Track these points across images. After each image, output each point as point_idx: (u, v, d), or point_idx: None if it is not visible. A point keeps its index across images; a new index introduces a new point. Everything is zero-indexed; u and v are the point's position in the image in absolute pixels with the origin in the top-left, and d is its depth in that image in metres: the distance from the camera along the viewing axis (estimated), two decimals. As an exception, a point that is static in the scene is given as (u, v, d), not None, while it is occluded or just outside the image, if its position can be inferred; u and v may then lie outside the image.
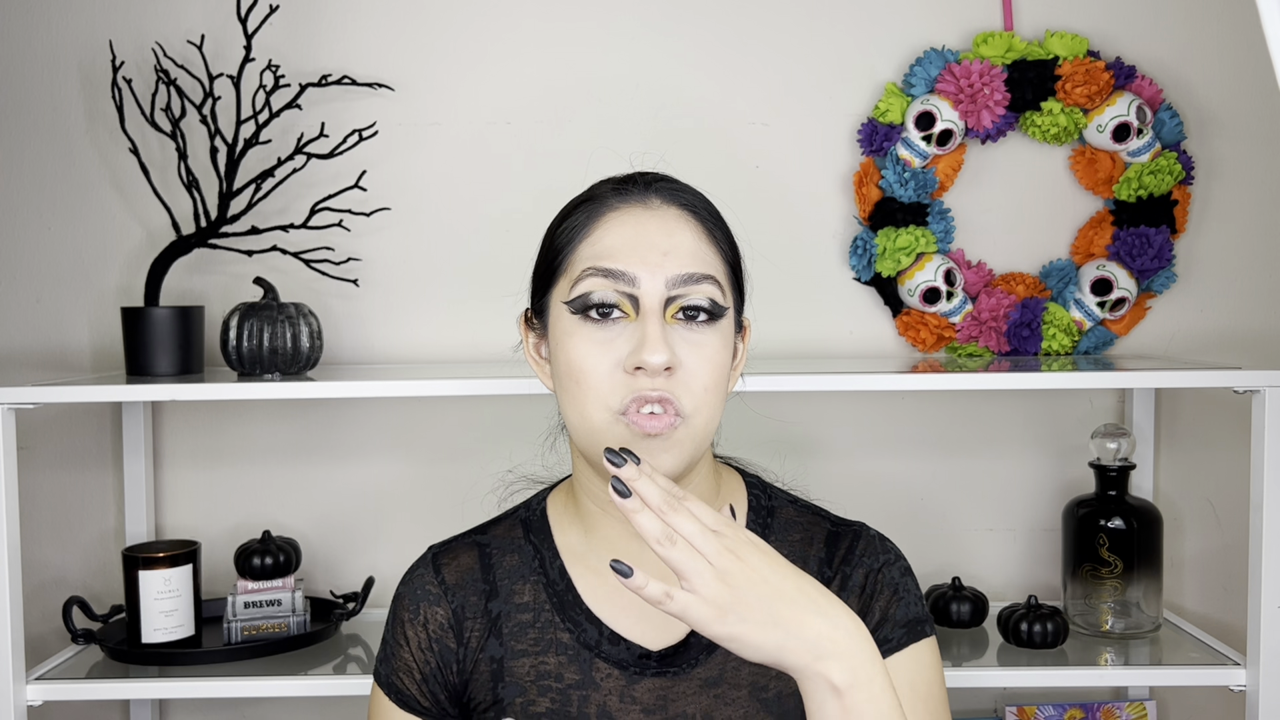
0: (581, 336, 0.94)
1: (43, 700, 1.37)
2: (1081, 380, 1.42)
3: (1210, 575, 1.72)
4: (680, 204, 0.98)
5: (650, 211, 0.96)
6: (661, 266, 0.93)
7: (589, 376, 0.93)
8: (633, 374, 0.91)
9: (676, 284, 0.93)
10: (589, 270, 0.94)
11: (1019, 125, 1.68)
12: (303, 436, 1.70)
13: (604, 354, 0.92)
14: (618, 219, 0.96)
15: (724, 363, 0.95)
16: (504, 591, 1.02)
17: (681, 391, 0.92)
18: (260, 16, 1.61)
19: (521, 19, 1.69)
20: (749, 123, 1.70)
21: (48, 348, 1.69)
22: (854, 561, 1.03)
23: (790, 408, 1.69)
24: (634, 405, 0.91)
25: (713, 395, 0.94)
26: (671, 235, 0.95)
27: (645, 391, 0.91)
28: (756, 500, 1.07)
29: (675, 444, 0.92)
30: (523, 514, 1.08)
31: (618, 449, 0.82)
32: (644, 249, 0.94)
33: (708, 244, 0.96)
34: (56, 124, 1.68)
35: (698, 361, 0.93)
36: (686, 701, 0.98)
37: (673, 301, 0.93)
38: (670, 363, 0.91)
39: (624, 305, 0.93)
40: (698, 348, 0.93)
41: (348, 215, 1.65)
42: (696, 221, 0.97)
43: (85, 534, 1.70)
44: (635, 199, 0.97)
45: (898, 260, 1.65)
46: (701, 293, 0.94)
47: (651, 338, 0.91)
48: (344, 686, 1.41)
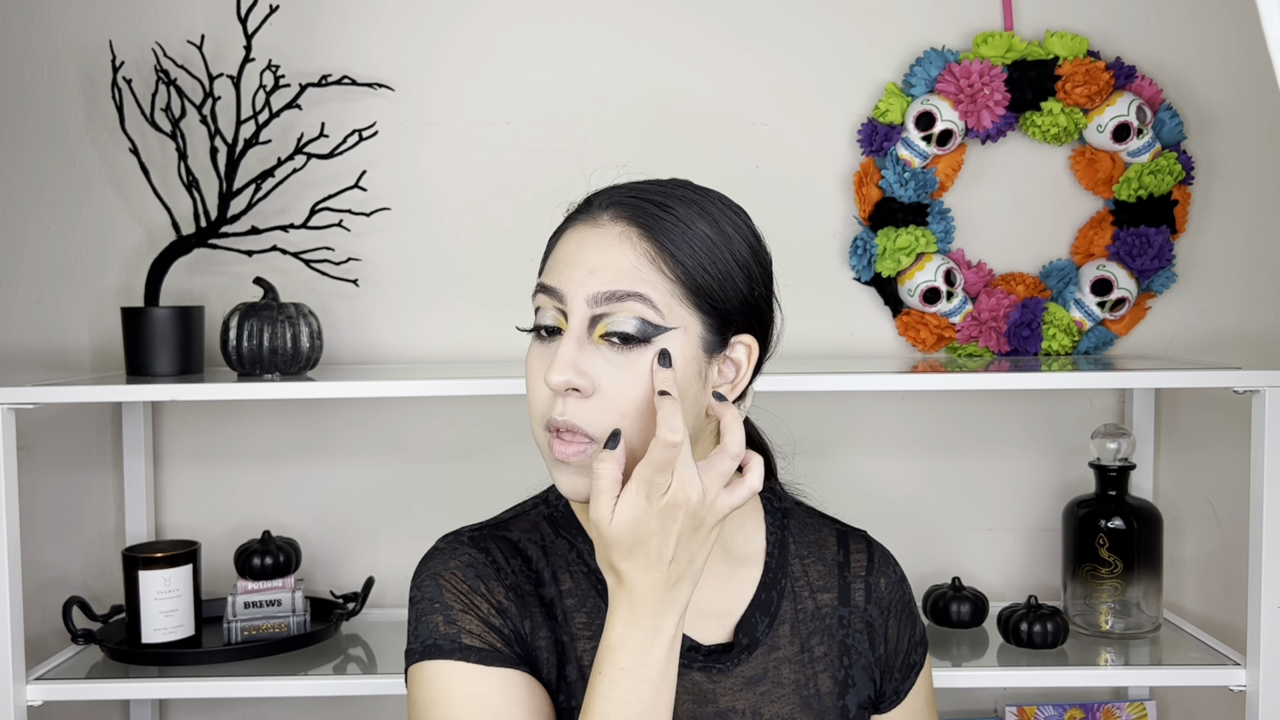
0: (532, 351, 0.95)
1: (43, 700, 1.37)
2: (1081, 380, 1.42)
3: (1210, 575, 1.72)
4: (629, 220, 0.93)
5: (594, 229, 0.93)
6: (585, 284, 0.90)
7: (530, 391, 0.94)
8: (556, 394, 0.91)
9: (598, 302, 0.90)
10: (538, 287, 0.95)
11: (1019, 125, 1.68)
12: (303, 436, 1.70)
13: (541, 369, 0.93)
14: (568, 236, 0.95)
15: (656, 383, 0.89)
16: (547, 579, 1.00)
17: (592, 416, 0.89)
18: (260, 16, 1.61)
19: (521, 19, 1.69)
20: (749, 123, 1.70)
21: (48, 348, 1.69)
22: (876, 572, 1.08)
23: (789, 408, 1.69)
24: (550, 427, 0.91)
25: (639, 419, 0.89)
26: (604, 253, 0.91)
27: (554, 417, 0.90)
28: (770, 504, 1.09)
29: (588, 469, 0.90)
30: (544, 511, 1.06)
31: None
32: (574, 266, 0.92)
33: (649, 263, 0.91)
34: (56, 124, 1.68)
35: (619, 385, 0.89)
36: (734, 697, 0.99)
37: (598, 320, 0.90)
38: (575, 384, 0.89)
39: (560, 323, 0.92)
40: (622, 370, 0.89)
41: (348, 215, 1.65)
42: (644, 238, 0.91)
43: (85, 534, 1.70)
44: (588, 217, 0.95)
45: (898, 260, 1.65)
46: (627, 311, 0.89)
47: (559, 358, 0.89)
48: (344, 687, 1.41)
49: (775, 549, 1.05)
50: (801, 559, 1.06)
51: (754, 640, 1.01)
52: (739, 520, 1.05)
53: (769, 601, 1.03)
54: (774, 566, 1.04)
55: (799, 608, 1.03)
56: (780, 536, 1.06)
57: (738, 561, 1.04)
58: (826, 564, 1.06)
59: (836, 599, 1.05)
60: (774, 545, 1.05)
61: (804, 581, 1.05)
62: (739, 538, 1.05)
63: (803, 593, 1.04)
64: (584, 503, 0.94)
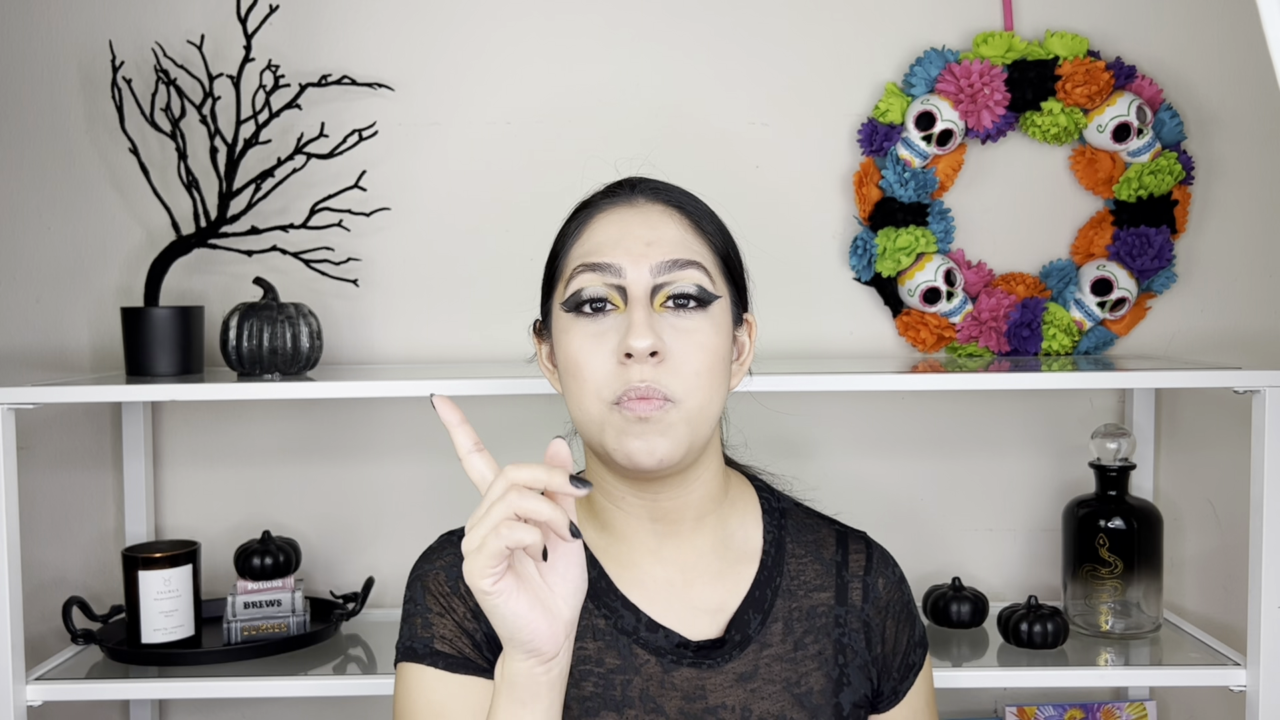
0: (576, 331, 0.96)
1: (42, 700, 1.37)
2: (1081, 380, 1.42)
3: (1210, 575, 1.72)
4: (665, 201, 1.01)
5: (635, 209, 1.00)
6: (645, 255, 0.96)
7: (584, 369, 0.95)
8: (625, 363, 0.93)
9: (661, 270, 0.96)
10: (579, 268, 0.97)
11: (1019, 125, 1.68)
12: (303, 436, 1.70)
13: (597, 346, 0.95)
14: (604, 219, 1.00)
15: (718, 349, 0.97)
16: None
17: (669, 379, 0.94)
18: (260, 16, 1.61)
19: (522, 19, 1.69)
20: (749, 123, 1.70)
21: (48, 348, 1.69)
22: (874, 572, 1.08)
23: (790, 408, 1.69)
24: (625, 396, 0.93)
25: (706, 380, 0.95)
26: (655, 228, 0.98)
27: (634, 384, 0.93)
28: (767, 504, 1.10)
29: (668, 427, 0.94)
30: None
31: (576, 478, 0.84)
32: (628, 241, 0.97)
33: (693, 235, 0.99)
34: (56, 124, 1.68)
35: (687, 347, 0.95)
36: (724, 693, 0.99)
37: (660, 289, 0.96)
38: (656, 347, 0.93)
39: (613, 298, 0.96)
40: (687, 334, 0.95)
41: (348, 215, 1.65)
42: (681, 215, 1.00)
43: (85, 534, 1.70)
44: (622, 200, 1.01)
45: (898, 260, 1.65)
46: (688, 278, 0.96)
47: (636, 324, 0.93)
48: (344, 687, 1.41)
49: (772, 547, 1.06)
50: (798, 558, 1.06)
51: (746, 636, 1.02)
52: (739, 519, 1.07)
53: (763, 599, 1.03)
54: (769, 564, 1.05)
55: (793, 606, 1.04)
56: (777, 535, 1.07)
57: (734, 559, 1.05)
58: (824, 564, 1.07)
59: (833, 598, 1.05)
60: (770, 544, 1.06)
61: (799, 580, 1.05)
62: (738, 535, 1.06)
63: (798, 591, 1.05)
64: (660, 470, 0.95)
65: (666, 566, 1.03)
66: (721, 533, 1.05)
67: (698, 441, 0.96)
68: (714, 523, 1.05)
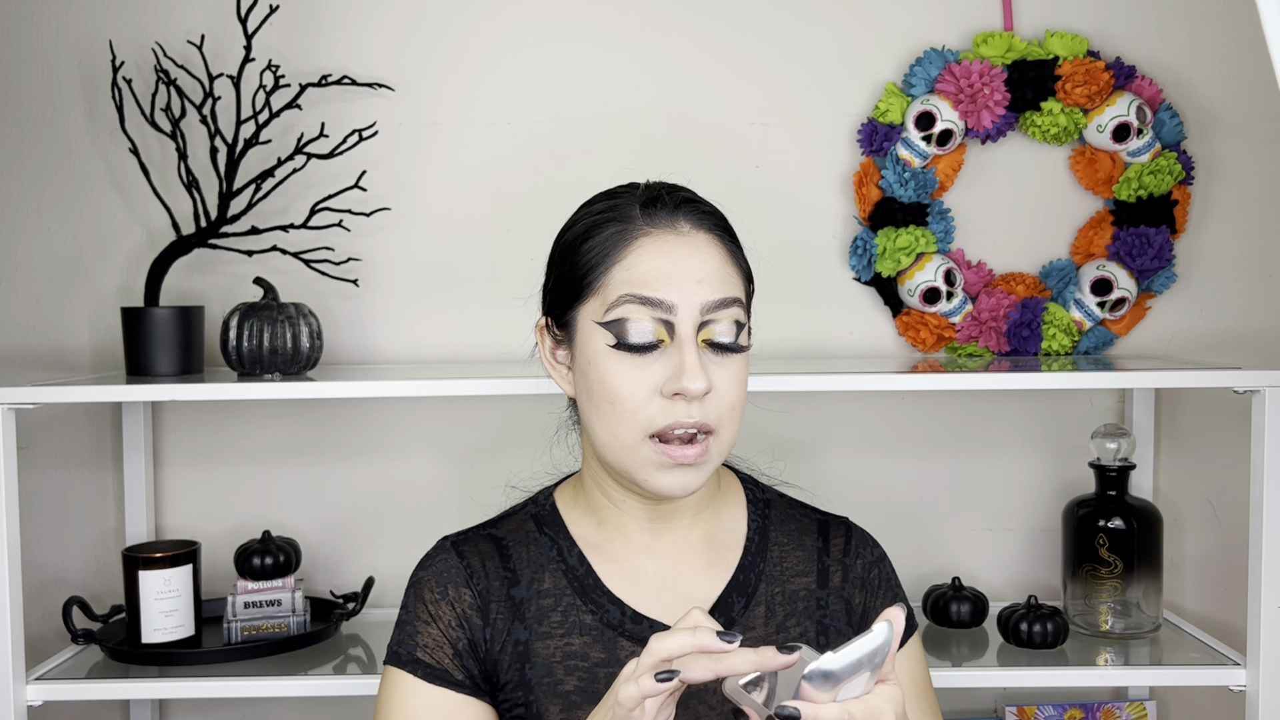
0: (618, 359, 0.97)
1: (43, 700, 1.37)
2: (1081, 380, 1.42)
3: (1210, 575, 1.72)
4: (707, 228, 1.01)
5: (682, 238, 1.00)
6: (696, 294, 0.97)
7: (626, 401, 0.97)
8: (670, 399, 0.96)
9: (708, 310, 0.97)
10: (626, 296, 0.97)
11: (1019, 125, 1.68)
12: (303, 436, 1.70)
13: (641, 378, 0.97)
14: (651, 245, 0.99)
15: (746, 378, 1.01)
16: (525, 579, 1.05)
17: (712, 414, 0.97)
18: (260, 16, 1.61)
19: (522, 19, 1.69)
20: (749, 123, 1.70)
21: (48, 348, 1.69)
22: (852, 554, 1.10)
23: (790, 408, 1.69)
24: (670, 433, 0.96)
25: (738, 411, 1.00)
26: (704, 262, 0.99)
27: (681, 419, 0.95)
28: (752, 495, 1.12)
29: (705, 462, 0.98)
30: (532, 509, 1.11)
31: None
32: (680, 276, 0.97)
33: (731, 265, 1.01)
34: (56, 124, 1.68)
35: (726, 383, 0.98)
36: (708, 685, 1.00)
37: (704, 326, 0.98)
38: (708, 389, 0.95)
39: (661, 334, 0.97)
40: (727, 369, 0.98)
41: (348, 215, 1.65)
42: (721, 244, 1.01)
43: (85, 534, 1.70)
44: (665, 223, 1.00)
45: (898, 260, 1.65)
46: (729, 316, 0.98)
47: (690, 366, 0.95)
48: (344, 686, 1.41)
49: (755, 535, 1.09)
50: (781, 545, 1.09)
51: (729, 621, 1.04)
52: (729, 511, 1.10)
53: (746, 584, 1.06)
54: (753, 551, 1.07)
55: (775, 590, 1.06)
56: (761, 525, 1.10)
57: (722, 549, 1.08)
58: (806, 550, 1.09)
59: (814, 582, 1.08)
60: (754, 532, 1.09)
61: (782, 567, 1.08)
62: (727, 527, 1.09)
63: (780, 577, 1.07)
64: (685, 496, 0.99)
65: (659, 560, 1.06)
66: (713, 525, 1.08)
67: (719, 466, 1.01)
68: (707, 517, 1.08)
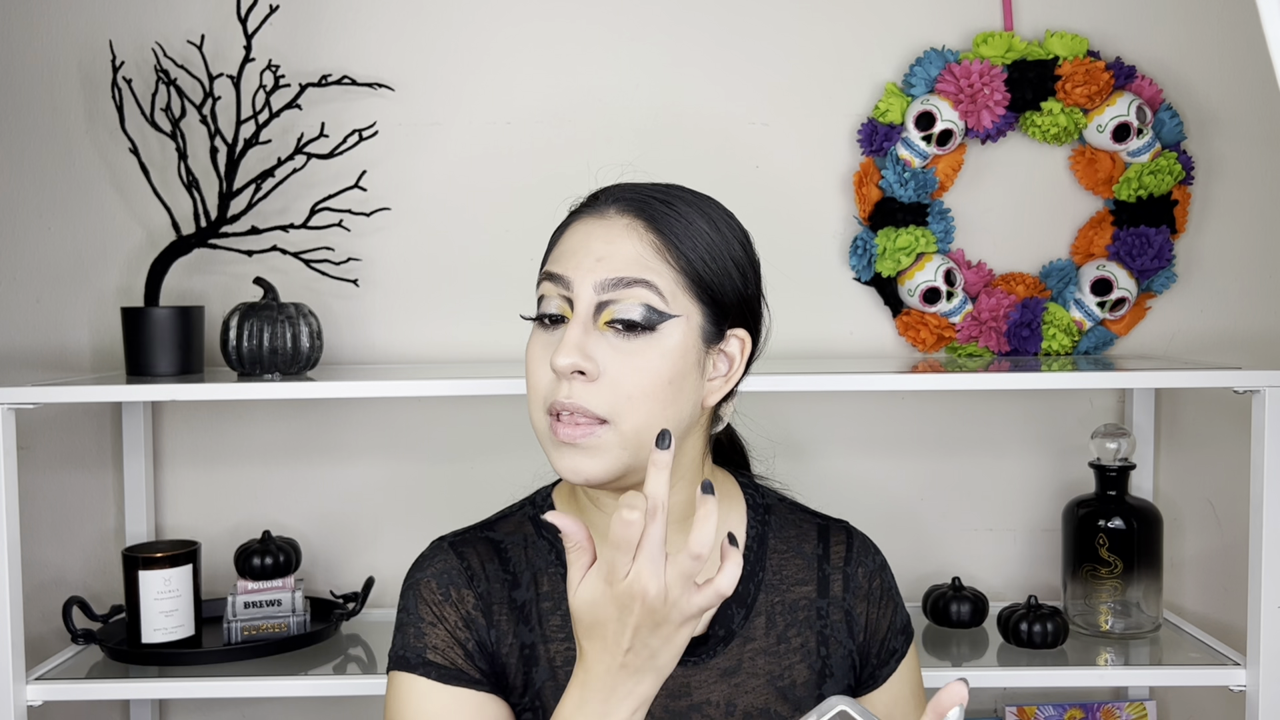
0: (534, 340, 0.98)
1: (43, 700, 1.37)
2: (1081, 380, 1.42)
3: (1210, 575, 1.72)
4: (635, 213, 0.97)
5: (601, 221, 0.97)
6: (593, 271, 0.94)
7: (531, 377, 0.97)
8: (559, 377, 0.94)
9: (605, 289, 0.93)
10: (542, 274, 0.98)
11: (1019, 125, 1.68)
12: (303, 436, 1.70)
13: (544, 355, 0.96)
14: (575, 227, 0.99)
15: (660, 370, 0.94)
16: (525, 581, 1.03)
17: (600, 399, 0.92)
18: (260, 16, 1.61)
19: (522, 19, 1.69)
20: (749, 123, 1.70)
21: (48, 348, 1.69)
22: (854, 562, 1.08)
23: (790, 408, 1.69)
24: (552, 410, 0.94)
25: (644, 403, 0.93)
26: (612, 242, 0.95)
27: (559, 399, 0.93)
28: (752, 500, 1.10)
29: (600, 449, 0.93)
30: (530, 510, 1.09)
31: None
32: (581, 254, 0.96)
33: (655, 253, 0.95)
34: (56, 124, 1.68)
35: (624, 369, 0.93)
36: (709, 690, 1.00)
37: (604, 307, 0.94)
38: (580, 367, 0.92)
39: (565, 310, 0.96)
40: (627, 355, 0.93)
41: (348, 215, 1.65)
42: (649, 229, 0.96)
43: (85, 534, 1.70)
44: (594, 211, 0.99)
45: (898, 260, 1.65)
46: (633, 298, 0.93)
47: (565, 342, 0.93)
48: (344, 686, 1.41)
49: (754, 543, 1.07)
50: (780, 553, 1.07)
51: (730, 632, 1.02)
52: (724, 516, 1.08)
53: (745, 594, 1.04)
54: (752, 559, 1.06)
55: (775, 600, 1.05)
56: (760, 531, 1.08)
57: (719, 557, 1.05)
58: (805, 557, 1.07)
59: (815, 591, 1.06)
60: (753, 539, 1.07)
61: (782, 575, 1.06)
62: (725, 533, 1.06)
63: (780, 585, 1.06)
64: (589, 486, 0.96)
65: None
66: None
67: (639, 461, 0.94)
68: None
